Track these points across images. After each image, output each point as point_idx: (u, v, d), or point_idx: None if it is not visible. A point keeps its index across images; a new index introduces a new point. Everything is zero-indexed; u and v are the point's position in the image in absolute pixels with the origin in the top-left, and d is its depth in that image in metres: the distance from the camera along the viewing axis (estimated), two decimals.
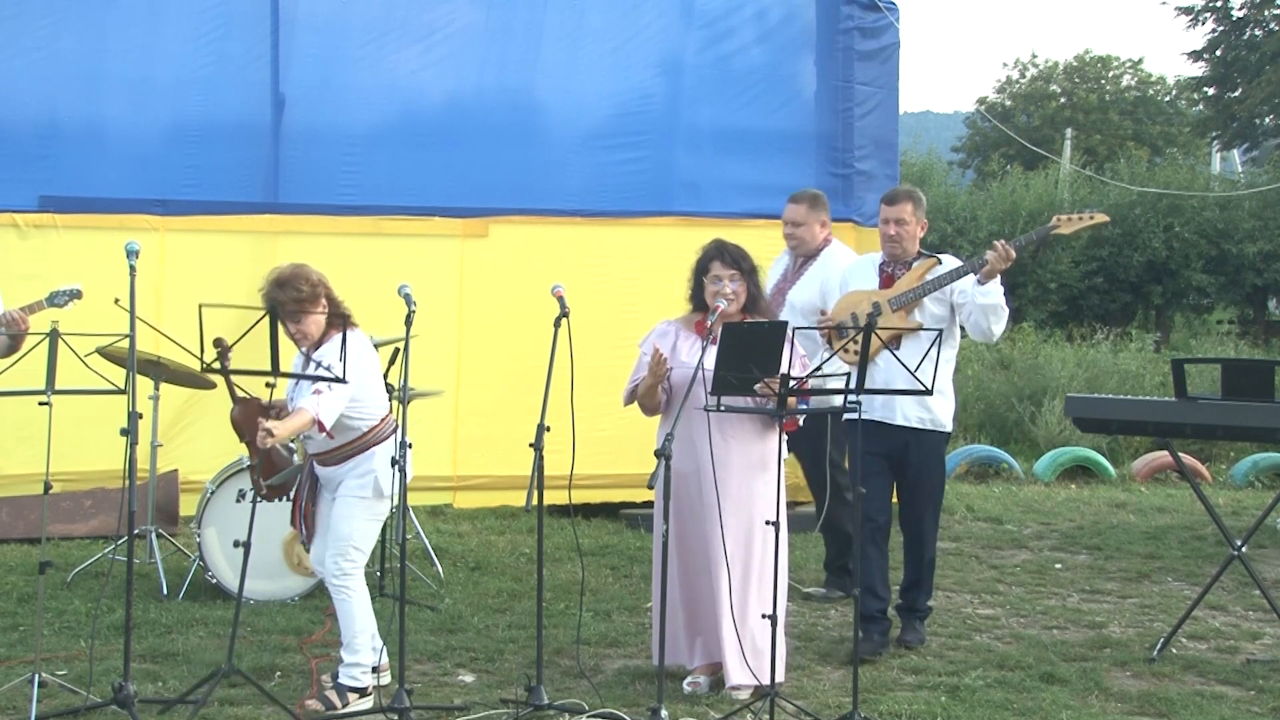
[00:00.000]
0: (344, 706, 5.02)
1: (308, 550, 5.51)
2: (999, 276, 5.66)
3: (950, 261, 5.81)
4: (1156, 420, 6.14)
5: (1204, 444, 12.06)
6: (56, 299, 5.57)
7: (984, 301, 5.63)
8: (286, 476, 5.29)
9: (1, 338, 5.54)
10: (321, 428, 4.92)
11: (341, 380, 4.84)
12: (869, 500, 5.81)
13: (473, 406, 8.52)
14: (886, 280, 5.90)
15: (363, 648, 5.12)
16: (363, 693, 5.09)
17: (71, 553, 7.52)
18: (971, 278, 5.68)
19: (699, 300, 5.39)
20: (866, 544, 5.83)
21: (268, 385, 5.08)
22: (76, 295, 5.61)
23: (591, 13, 9.02)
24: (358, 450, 5.20)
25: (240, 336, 4.98)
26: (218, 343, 5.19)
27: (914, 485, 5.93)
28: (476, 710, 4.97)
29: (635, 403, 5.42)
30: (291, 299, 5.08)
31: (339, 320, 5.14)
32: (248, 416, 5.19)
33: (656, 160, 9.02)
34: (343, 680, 5.09)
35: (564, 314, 5.28)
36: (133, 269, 4.91)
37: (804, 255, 6.76)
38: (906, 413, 5.79)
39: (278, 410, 5.25)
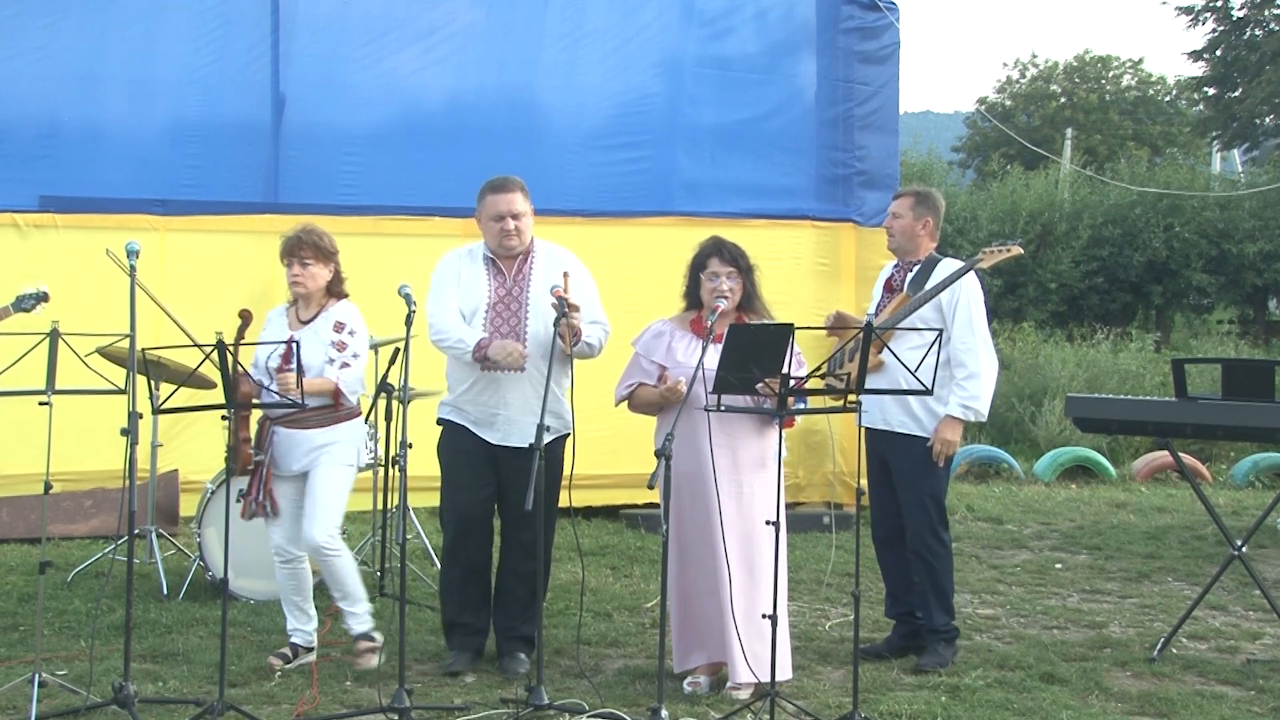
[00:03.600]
0: (378, 647, 5.46)
1: (267, 521, 5.50)
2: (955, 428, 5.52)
3: (946, 269, 5.68)
4: (1156, 420, 6.12)
5: (1204, 444, 12.08)
6: (23, 303, 5.48)
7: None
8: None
9: None
10: (337, 399, 5.29)
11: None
12: (871, 508, 5.89)
13: None
14: (888, 286, 5.86)
15: (363, 595, 5.52)
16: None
17: (71, 553, 7.53)
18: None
19: (694, 297, 5.40)
20: (878, 550, 5.90)
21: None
22: (43, 299, 5.47)
23: (591, 13, 9.03)
24: (348, 416, 5.44)
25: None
26: (243, 313, 5.27)
27: (901, 494, 5.69)
28: (476, 710, 4.97)
29: (625, 404, 5.42)
30: (313, 243, 5.41)
31: (340, 292, 5.53)
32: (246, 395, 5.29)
33: (656, 160, 9.03)
34: (359, 628, 5.45)
35: (564, 314, 5.27)
36: (133, 269, 4.90)
37: None
38: (888, 417, 5.62)
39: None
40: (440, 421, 5.55)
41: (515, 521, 5.47)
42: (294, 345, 5.14)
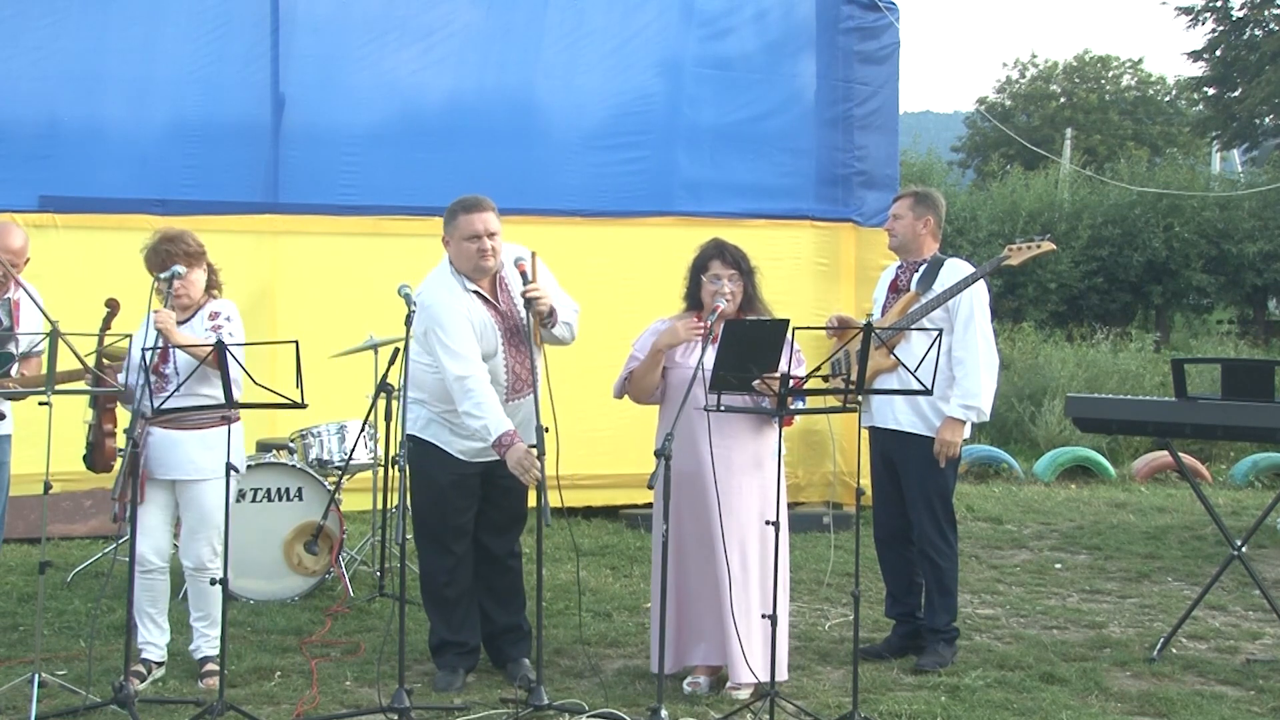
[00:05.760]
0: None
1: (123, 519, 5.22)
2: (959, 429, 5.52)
3: (953, 269, 5.71)
4: (1156, 420, 6.12)
5: (1204, 444, 12.09)
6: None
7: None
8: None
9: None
10: (217, 358, 4.84)
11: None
12: (874, 508, 5.91)
13: None
14: (893, 286, 5.85)
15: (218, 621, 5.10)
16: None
17: (71, 553, 7.53)
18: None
19: (694, 299, 5.38)
20: (879, 550, 5.92)
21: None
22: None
23: (591, 13, 9.04)
24: (228, 420, 5.12)
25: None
26: (110, 302, 5.26)
27: (908, 493, 5.69)
28: (476, 710, 4.97)
29: (625, 395, 5.41)
30: (181, 252, 5.18)
31: (217, 289, 5.37)
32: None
33: (656, 160, 9.04)
34: (209, 651, 5.23)
35: (526, 284, 5.24)
36: (169, 293, 5.03)
37: None
38: (897, 416, 5.64)
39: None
40: (412, 438, 5.18)
41: (500, 528, 5.46)
42: (171, 347, 5.02)
